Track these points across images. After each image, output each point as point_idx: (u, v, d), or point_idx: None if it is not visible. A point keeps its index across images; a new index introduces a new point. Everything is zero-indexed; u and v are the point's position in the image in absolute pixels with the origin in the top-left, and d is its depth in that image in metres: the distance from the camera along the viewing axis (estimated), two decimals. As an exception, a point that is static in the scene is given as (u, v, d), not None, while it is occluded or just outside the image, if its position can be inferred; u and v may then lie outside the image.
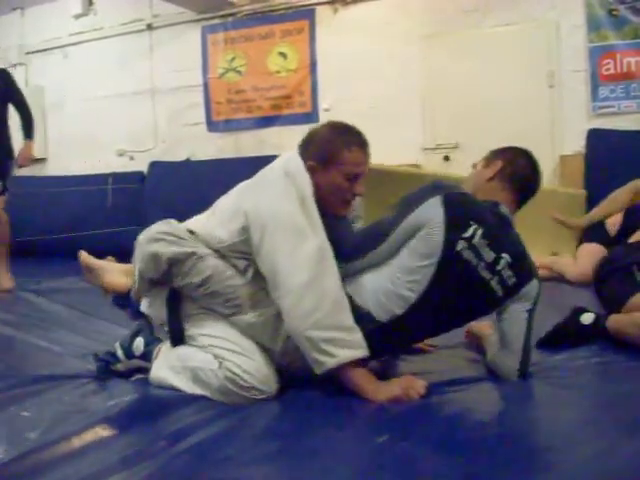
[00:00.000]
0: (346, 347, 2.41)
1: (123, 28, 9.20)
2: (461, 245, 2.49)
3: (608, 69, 6.71)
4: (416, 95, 7.34)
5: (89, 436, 2.17)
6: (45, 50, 9.77)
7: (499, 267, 2.54)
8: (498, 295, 2.58)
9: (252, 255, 2.57)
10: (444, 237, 2.48)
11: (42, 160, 9.84)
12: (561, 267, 5.35)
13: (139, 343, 2.81)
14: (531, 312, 2.63)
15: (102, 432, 2.20)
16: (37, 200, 8.79)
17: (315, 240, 2.51)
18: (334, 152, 2.67)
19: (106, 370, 2.84)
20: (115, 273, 3.15)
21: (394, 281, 2.53)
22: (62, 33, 9.59)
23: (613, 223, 5.27)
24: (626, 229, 4.93)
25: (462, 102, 7.17)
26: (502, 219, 2.65)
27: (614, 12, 6.66)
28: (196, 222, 2.81)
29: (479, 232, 2.51)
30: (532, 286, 2.63)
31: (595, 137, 6.63)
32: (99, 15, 9.35)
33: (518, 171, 2.77)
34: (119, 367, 2.84)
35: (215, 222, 2.72)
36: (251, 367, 2.47)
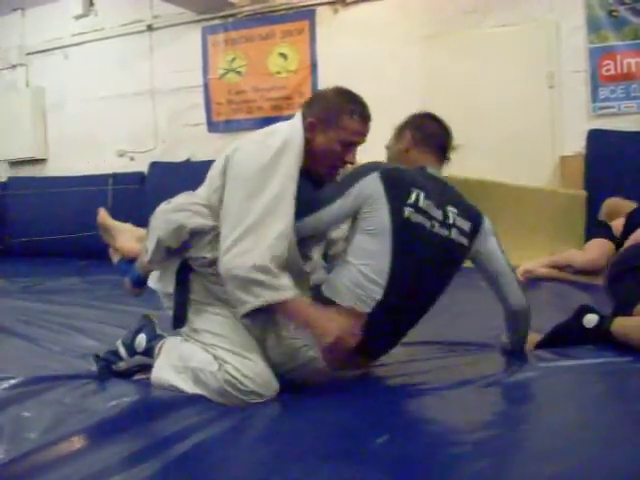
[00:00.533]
0: (272, 289, 2.42)
1: (123, 29, 9.20)
2: (408, 211, 2.54)
3: (608, 70, 6.70)
4: (416, 96, 7.32)
5: (89, 437, 2.17)
6: (46, 51, 9.78)
7: (450, 220, 2.62)
8: (464, 244, 2.67)
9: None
10: (389, 208, 2.52)
11: (42, 161, 9.86)
12: (568, 257, 5.34)
13: (141, 339, 2.82)
14: (498, 243, 2.78)
15: (102, 433, 2.20)
16: (37, 201, 8.81)
17: (274, 189, 2.54)
18: (336, 115, 2.71)
19: (107, 370, 2.84)
20: (130, 238, 3.13)
21: (361, 270, 2.54)
22: (63, 34, 9.59)
23: (618, 227, 5.29)
24: (627, 233, 4.96)
25: (462, 103, 7.17)
26: (434, 179, 2.72)
27: (614, 13, 6.65)
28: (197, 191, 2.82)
29: (421, 195, 2.57)
30: (486, 221, 2.77)
31: (595, 138, 6.62)
32: (100, 16, 9.35)
33: (428, 132, 2.87)
34: (121, 366, 2.84)
35: (207, 182, 2.78)
36: (251, 371, 2.46)
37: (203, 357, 2.57)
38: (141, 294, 2.99)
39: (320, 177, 2.74)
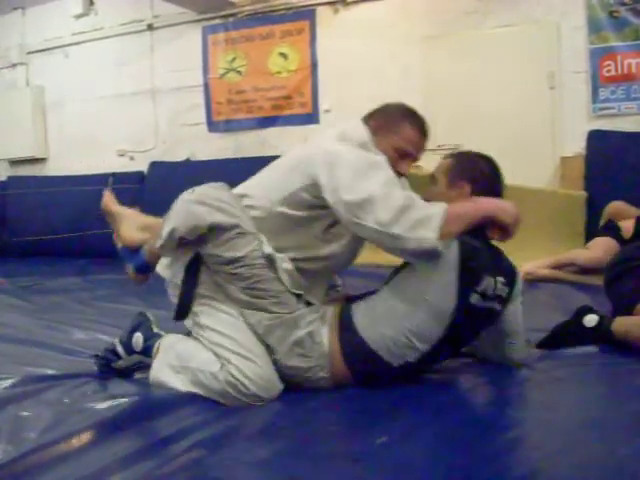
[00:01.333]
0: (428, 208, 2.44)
1: (124, 28, 9.19)
2: (475, 298, 2.48)
3: (609, 70, 6.70)
4: (417, 96, 7.30)
5: (88, 436, 2.17)
6: (46, 50, 9.77)
7: (498, 291, 2.55)
8: (499, 310, 2.62)
9: (310, 209, 2.62)
10: (457, 288, 2.45)
11: (42, 160, 9.85)
12: (571, 255, 5.35)
13: (138, 339, 2.80)
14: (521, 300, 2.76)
15: (101, 432, 2.20)
16: (37, 200, 8.81)
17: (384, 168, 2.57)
18: (397, 122, 2.78)
19: (108, 368, 2.83)
20: (133, 226, 3.06)
21: (408, 332, 2.50)
22: (63, 33, 9.58)
23: (628, 228, 5.29)
24: (638, 234, 5.01)
25: (463, 103, 7.17)
26: (489, 244, 2.64)
27: (615, 14, 6.65)
28: (247, 184, 2.83)
29: (491, 283, 2.50)
30: (518, 282, 2.71)
31: (596, 138, 6.62)
32: (100, 15, 9.34)
33: (487, 186, 2.71)
34: (120, 364, 2.83)
35: (273, 177, 2.75)
36: (254, 374, 2.46)
37: (204, 357, 2.56)
38: (145, 281, 2.95)
39: None
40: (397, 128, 2.77)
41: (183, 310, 2.68)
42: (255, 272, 2.53)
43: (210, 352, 2.57)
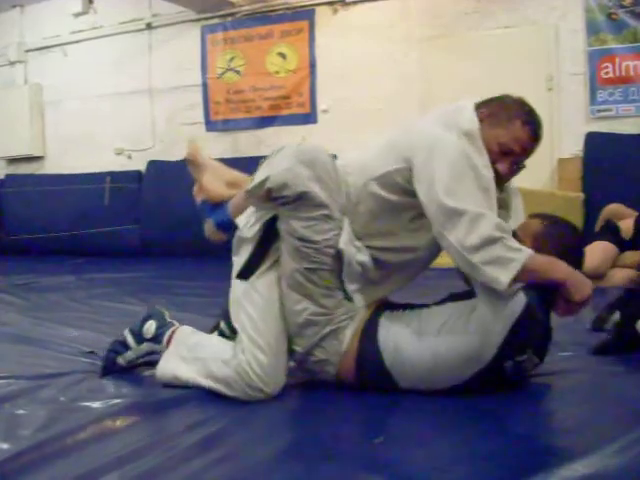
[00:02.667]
0: (514, 250, 2.29)
1: (122, 27, 9.18)
2: (509, 364, 2.42)
3: (607, 73, 6.71)
4: (415, 97, 7.33)
5: (83, 435, 2.17)
6: (44, 48, 9.75)
7: (529, 368, 2.49)
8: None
9: (400, 195, 2.51)
10: (498, 351, 2.37)
11: (40, 158, 9.84)
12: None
13: (150, 326, 2.79)
14: None
15: (96, 431, 2.20)
16: (34, 198, 8.82)
17: (482, 171, 2.41)
18: (510, 116, 2.58)
19: (112, 365, 2.82)
20: (218, 180, 2.93)
21: (431, 371, 2.45)
22: (61, 31, 9.57)
23: (627, 228, 5.28)
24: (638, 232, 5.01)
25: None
26: (548, 320, 2.54)
27: (613, 16, 6.66)
28: (349, 157, 2.73)
29: (529, 356, 2.44)
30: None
31: (593, 140, 6.63)
32: (99, 14, 9.33)
33: (568, 260, 2.51)
34: (128, 355, 2.81)
35: (371, 154, 2.65)
36: (262, 367, 2.45)
37: (217, 348, 2.59)
38: (224, 240, 2.83)
39: None
40: (508, 122, 2.56)
41: (249, 270, 2.59)
42: (322, 259, 2.47)
43: (220, 345, 2.61)
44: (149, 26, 9.02)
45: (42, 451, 2.02)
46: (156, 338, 2.76)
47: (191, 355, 2.61)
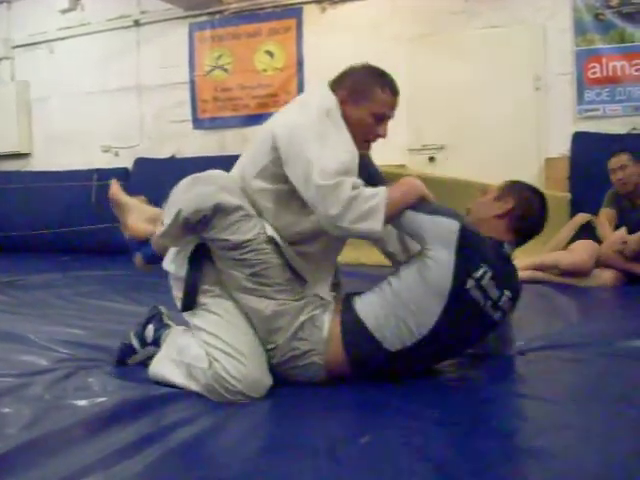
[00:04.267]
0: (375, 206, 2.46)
1: (110, 24, 9.18)
2: (470, 283, 2.50)
3: (594, 73, 6.74)
4: (402, 95, 7.31)
5: (69, 434, 2.16)
6: (31, 45, 9.74)
7: (501, 303, 2.59)
8: (498, 322, 2.66)
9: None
10: (453, 271, 2.48)
11: (26, 155, 9.81)
12: (554, 258, 5.34)
13: (149, 330, 2.85)
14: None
15: (82, 430, 2.19)
16: (21, 196, 8.80)
17: (338, 128, 2.60)
18: (368, 88, 2.73)
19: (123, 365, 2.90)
20: (141, 217, 3.05)
21: (407, 313, 2.52)
22: (49, 28, 9.56)
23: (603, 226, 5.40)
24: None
25: (448, 104, 7.19)
26: (505, 258, 2.68)
27: (600, 16, 6.69)
28: (233, 169, 2.80)
29: (488, 274, 2.53)
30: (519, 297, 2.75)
31: (580, 140, 6.66)
32: (86, 10, 9.32)
33: (527, 216, 2.77)
34: (137, 358, 2.87)
35: (247, 155, 2.74)
36: (239, 373, 2.44)
37: (195, 353, 2.57)
38: (151, 270, 2.98)
39: None
40: (370, 94, 2.73)
41: (189, 302, 2.63)
42: (262, 258, 2.51)
43: (202, 349, 2.58)
44: (137, 23, 9.02)
45: (28, 451, 2.01)
46: (155, 341, 2.82)
47: (179, 358, 2.61)
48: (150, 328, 2.85)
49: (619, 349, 3.14)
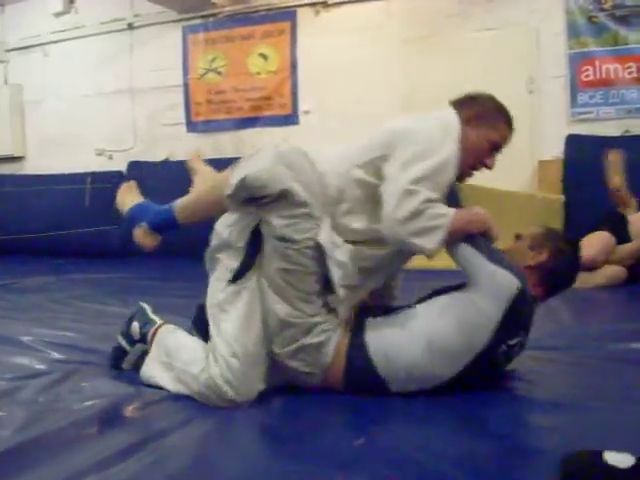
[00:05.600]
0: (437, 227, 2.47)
1: (104, 27, 9.16)
2: (502, 349, 2.47)
3: (587, 75, 6.75)
4: (397, 98, 7.34)
5: (64, 437, 2.15)
6: (25, 48, 9.72)
7: (514, 343, 2.52)
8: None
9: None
10: (493, 330, 2.42)
11: (20, 158, 9.80)
12: None
13: (135, 327, 2.83)
14: None
15: (76, 433, 2.19)
16: (15, 199, 8.78)
17: (442, 155, 2.56)
18: (494, 117, 2.81)
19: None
20: (206, 179, 3.12)
21: (424, 365, 2.47)
22: (42, 31, 9.54)
23: (637, 224, 5.30)
24: None
25: (443, 105, 7.17)
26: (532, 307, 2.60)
27: (594, 19, 6.70)
28: (325, 153, 2.77)
29: (520, 342, 2.52)
30: None
31: (574, 143, 6.67)
32: (80, 14, 9.30)
33: (558, 271, 2.67)
34: (130, 359, 2.85)
35: (354, 146, 2.75)
36: (237, 376, 2.43)
37: (186, 358, 2.57)
38: (155, 243, 2.94)
39: (460, 174, 2.74)
40: (495, 122, 2.80)
41: (241, 274, 2.56)
42: (301, 261, 2.46)
43: (192, 353, 2.58)
44: (130, 26, 9.00)
45: (19, 454, 2.01)
46: (142, 338, 2.80)
47: (168, 361, 2.62)
48: (135, 325, 2.84)
49: (613, 351, 3.15)
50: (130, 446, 2.05)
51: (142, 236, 2.91)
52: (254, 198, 2.48)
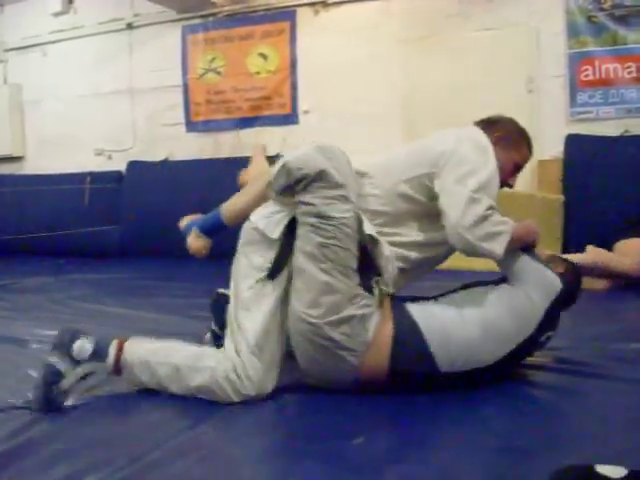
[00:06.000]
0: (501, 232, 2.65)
1: (103, 27, 9.15)
2: (542, 338, 2.70)
3: (587, 75, 6.74)
4: (397, 98, 7.34)
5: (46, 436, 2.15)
6: (24, 48, 9.70)
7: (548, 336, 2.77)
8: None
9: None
10: (540, 321, 2.64)
11: (20, 158, 9.79)
12: (611, 261, 5.00)
13: (81, 345, 2.56)
14: None
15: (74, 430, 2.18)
16: (14, 199, 8.79)
17: (491, 169, 2.76)
18: (519, 141, 3.05)
19: (51, 399, 2.50)
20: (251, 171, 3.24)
21: (479, 344, 2.58)
22: (41, 31, 9.52)
23: None
24: None
25: (442, 105, 7.18)
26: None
27: (593, 19, 6.69)
28: (367, 163, 2.92)
29: (550, 336, 2.76)
30: None
31: (573, 142, 6.66)
32: (79, 13, 9.29)
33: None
34: (66, 383, 2.51)
35: (399, 159, 2.92)
36: (256, 374, 2.48)
37: (189, 353, 2.58)
38: (207, 247, 3.05)
39: None
40: (519, 146, 3.03)
41: (278, 267, 2.60)
42: (340, 236, 2.50)
43: (191, 348, 2.61)
44: (130, 26, 8.99)
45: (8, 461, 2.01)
46: (96, 353, 2.58)
47: (158, 359, 2.57)
48: (83, 342, 2.58)
49: (610, 352, 3.16)
50: (130, 446, 2.05)
51: (193, 240, 3.04)
52: (294, 182, 2.53)
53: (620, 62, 6.63)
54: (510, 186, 3.05)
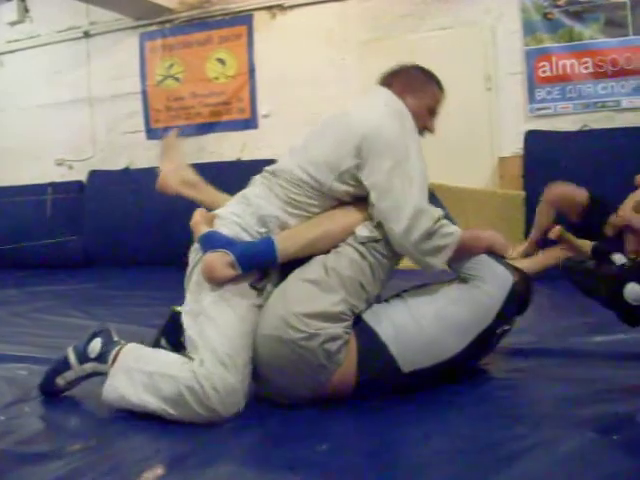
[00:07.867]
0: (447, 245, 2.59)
1: (60, 36, 9.09)
2: (499, 331, 2.67)
3: (544, 71, 6.79)
4: (355, 99, 7.36)
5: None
6: (-20, 58, 9.63)
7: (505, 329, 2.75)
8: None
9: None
10: (497, 312, 2.62)
11: (-21, 171, 9.70)
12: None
13: (96, 344, 2.62)
14: None
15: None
16: (-26, 211, 8.69)
17: (415, 150, 2.66)
18: (428, 84, 2.96)
19: (51, 384, 2.68)
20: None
21: (437, 338, 2.56)
22: (-3, 41, 9.46)
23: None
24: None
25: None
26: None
27: (549, 16, 6.74)
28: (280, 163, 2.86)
29: (507, 330, 2.75)
30: None
31: (532, 138, 6.69)
32: (35, 22, 9.22)
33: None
34: (69, 376, 2.64)
35: (324, 147, 2.77)
36: (227, 388, 2.36)
37: (163, 361, 2.49)
38: (228, 277, 2.54)
39: None
40: (426, 88, 2.94)
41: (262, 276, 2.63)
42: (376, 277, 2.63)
43: (169, 357, 2.53)
44: (87, 34, 8.94)
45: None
46: (101, 357, 2.59)
47: (137, 366, 2.48)
48: (97, 341, 2.64)
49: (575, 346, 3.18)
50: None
51: (221, 265, 2.52)
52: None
53: (577, 58, 6.69)
54: (431, 131, 2.99)
